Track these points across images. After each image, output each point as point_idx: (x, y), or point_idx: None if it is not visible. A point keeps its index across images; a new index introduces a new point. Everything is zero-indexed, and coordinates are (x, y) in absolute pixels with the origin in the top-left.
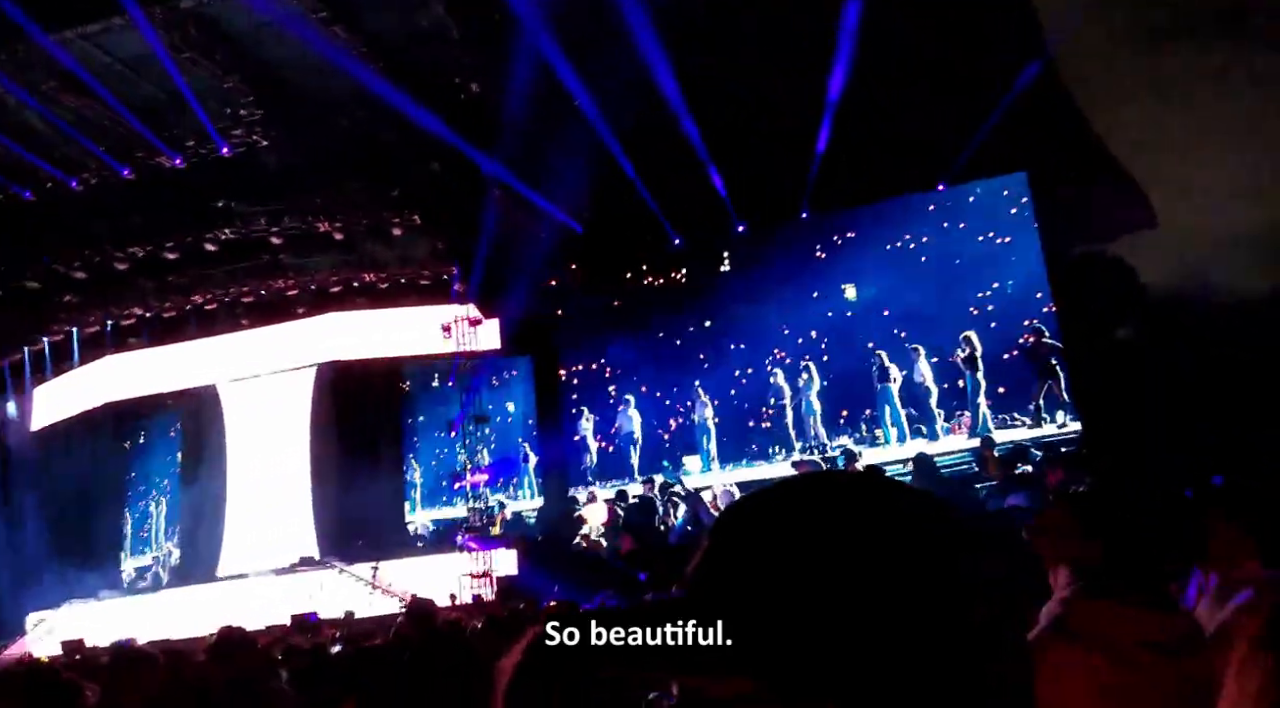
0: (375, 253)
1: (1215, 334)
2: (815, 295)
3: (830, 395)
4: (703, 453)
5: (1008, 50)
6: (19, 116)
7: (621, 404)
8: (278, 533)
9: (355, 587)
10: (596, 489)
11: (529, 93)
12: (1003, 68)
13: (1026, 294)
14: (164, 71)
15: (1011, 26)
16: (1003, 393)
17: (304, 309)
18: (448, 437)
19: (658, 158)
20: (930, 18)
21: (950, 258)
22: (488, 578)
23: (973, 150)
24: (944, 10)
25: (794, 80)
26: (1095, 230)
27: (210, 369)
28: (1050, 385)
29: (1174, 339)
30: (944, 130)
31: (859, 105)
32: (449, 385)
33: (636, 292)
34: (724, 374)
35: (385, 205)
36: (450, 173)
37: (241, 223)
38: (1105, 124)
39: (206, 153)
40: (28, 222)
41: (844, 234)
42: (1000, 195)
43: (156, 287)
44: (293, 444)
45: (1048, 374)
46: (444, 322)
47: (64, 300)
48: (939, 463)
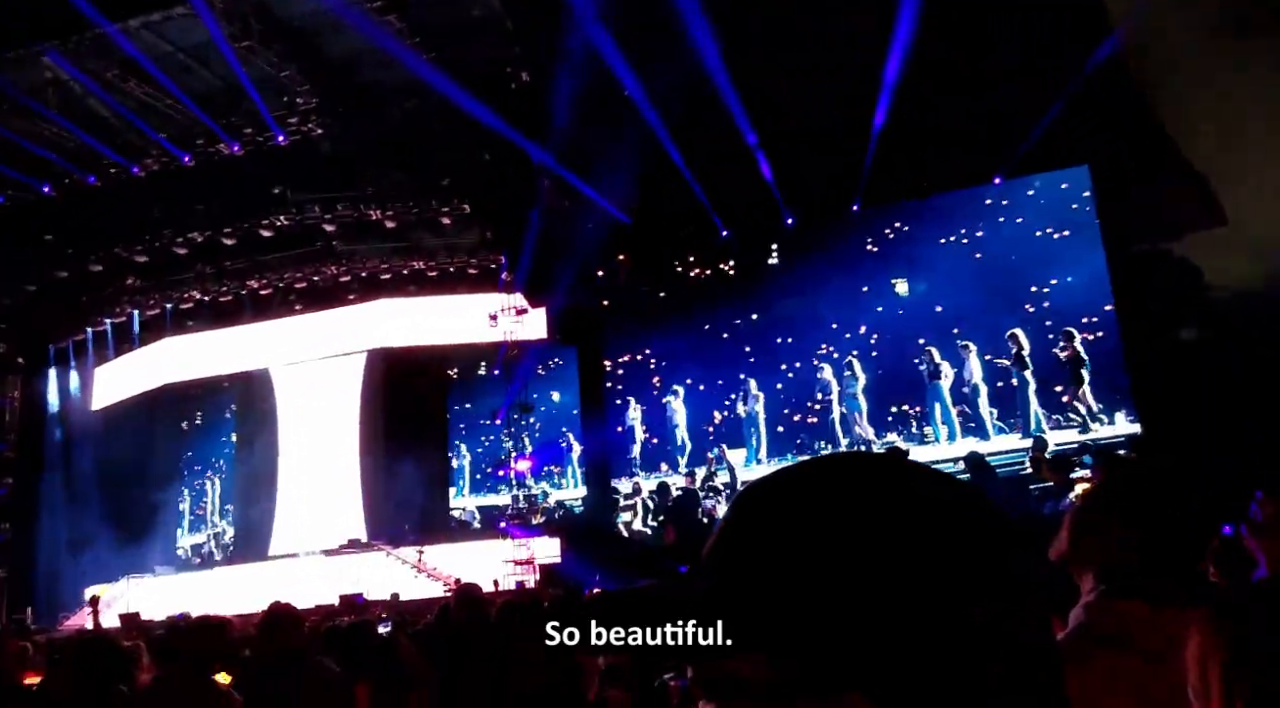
0: (425, 241)
1: None
2: (865, 290)
3: (878, 392)
4: (750, 447)
5: (1072, 39)
6: (84, 104)
7: (670, 395)
8: (327, 515)
9: (401, 570)
10: (640, 480)
11: (579, 83)
12: (1066, 57)
13: (1086, 292)
14: (224, 61)
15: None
16: (1060, 392)
17: (355, 296)
18: (493, 424)
19: (707, 149)
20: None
21: (1007, 254)
22: (530, 565)
23: (1032, 143)
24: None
25: (847, 70)
26: (1160, 228)
27: (264, 353)
28: (1079, 392)
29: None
30: (1002, 122)
31: (914, 96)
32: (495, 374)
33: (684, 283)
34: (770, 368)
35: (435, 194)
36: (500, 163)
37: (296, 210)
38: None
39: (264, 141)
40: (92, 207)
41: (896, 228)
42: (1060, 189)
43: (214, 272)
44: (342, 428)
45: (1077, 381)
46: (491, 310)
47: (126, 283)
48: (993, 463)
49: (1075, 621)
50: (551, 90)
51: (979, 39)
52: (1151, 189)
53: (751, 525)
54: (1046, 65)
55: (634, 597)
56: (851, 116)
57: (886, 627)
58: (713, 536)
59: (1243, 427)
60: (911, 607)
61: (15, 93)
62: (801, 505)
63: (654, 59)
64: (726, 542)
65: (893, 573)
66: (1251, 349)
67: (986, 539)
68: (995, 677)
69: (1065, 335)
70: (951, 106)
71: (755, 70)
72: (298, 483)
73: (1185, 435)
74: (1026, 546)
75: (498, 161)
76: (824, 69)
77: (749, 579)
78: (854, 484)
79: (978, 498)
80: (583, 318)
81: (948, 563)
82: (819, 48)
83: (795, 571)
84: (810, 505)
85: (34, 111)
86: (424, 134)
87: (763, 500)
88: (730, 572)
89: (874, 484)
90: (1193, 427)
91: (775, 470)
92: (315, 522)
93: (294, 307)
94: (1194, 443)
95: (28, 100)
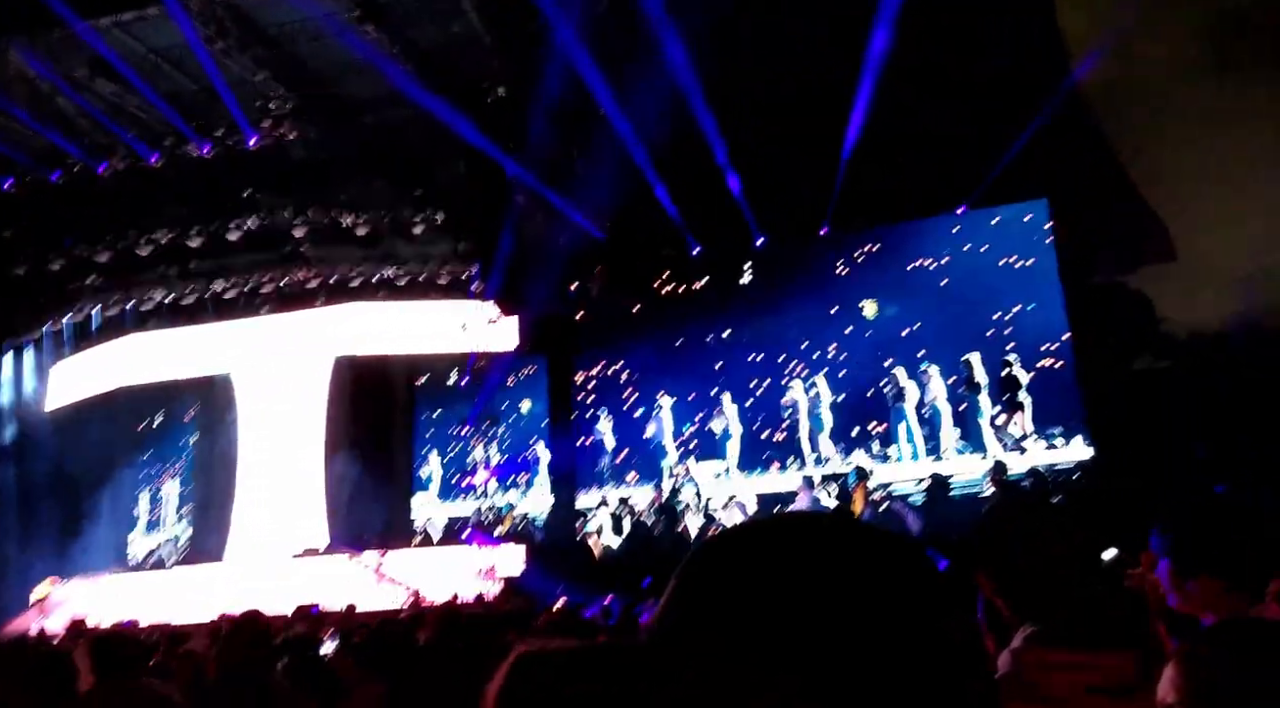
0: (397, 249)
1: (1232, 369)
2: (834, 311)
3: (844, 411)
4: (722, 461)
5: (1035, 75)
6: (50, 102)
7: (655, 407)
8: (286, 521)
9: (360, 578)
10: (608, 492)
11: (556, 99)
12: (1030, 90)
13: (1045, 320)
14: (196, 62)
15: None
16: (997, 415)
17: (323, 300)
18: (460, 434)
19: (681, 168)
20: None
21: (970, 280)
22: (492, 575)
23: (996, 174)
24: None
25: (820, 97)
26: (1115, 259)
27: (226, 355)
28: (1015, 417)
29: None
30: (968, 154)
31: (883, 125)
32: (464, 382)
33: (657, 298)
34: (741, 384)
35: (409, 203)
36: (475, 175)
37: (266, 213)
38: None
39: (234, 143)
40: (54, 204)
41: (866, 251)
42: (1021, 221)
43: (178, 273)
44: (305, 433)
45: (1015, 407)
46: (461, 319)
47: (85, 282)
48: (955, 485)
49: (1001, 667)
50: (529, 105)
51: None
52: (1107, 221)
53: (699, 593)
54: (1010, 98)
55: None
56: (823, 142)
57: (834, 690)
58: (666, 596)
59: (1194, 454)
60: (855, 670)
61: None
62: (747, 573)
63: (631, 78)
64: (677, 607)
65: (835, 639)
66: (1205, 378)
67: (925, 607)
68: None
69: (1004, 363)
70: (919, 136)
71: (729, 93)
72: (257, 488)
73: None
74: (958, 604)
75: (473, 173)
76: (795, 94)
77: (699, 645)
78: (798, 551)
79: (915, 558)
80: (554, 328)
81: (888, 629)
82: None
83: (743, 635)
84: (755, 573)
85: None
86: (399, 143)
87: (711, 566)
88: (681, 637)
89: (817, 551)
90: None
91: (722, 533)
92: (274, 528)
93: (259, 310)
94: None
95: None
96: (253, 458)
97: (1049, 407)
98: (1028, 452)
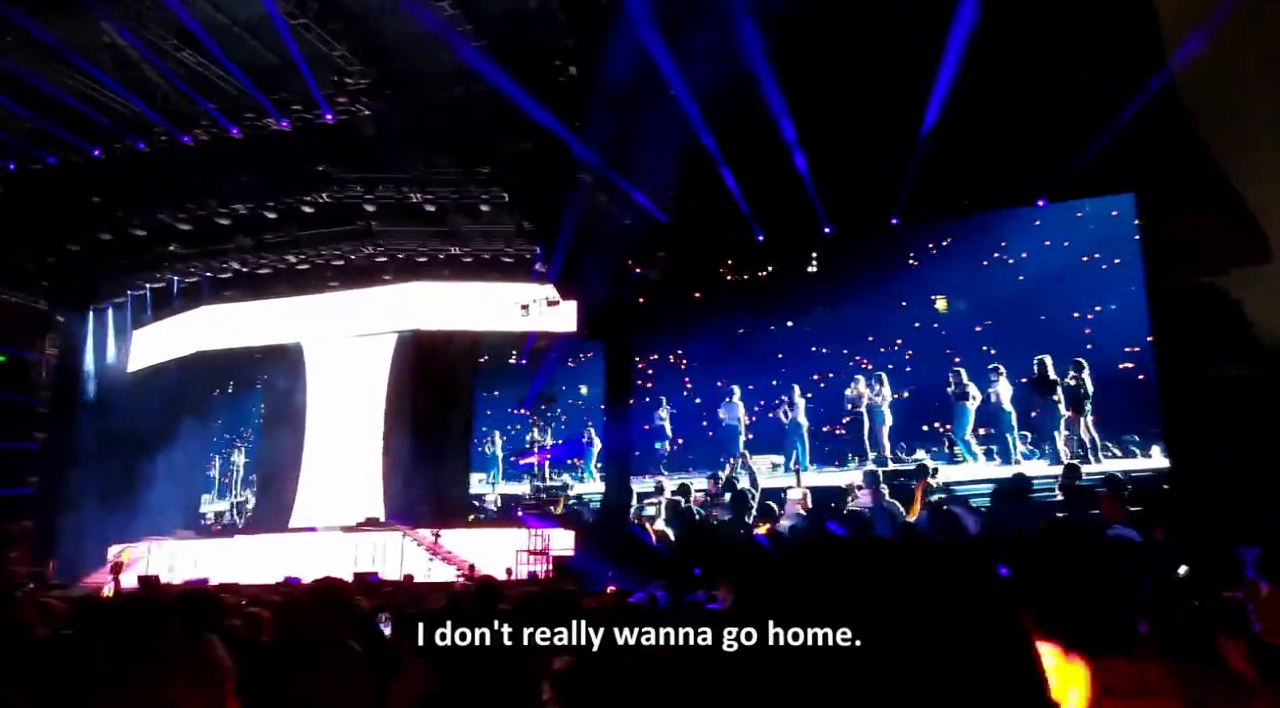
0: (462, 227)
1: None
2: (904, 305)
3: (908, 407)
4: (796, 454)
5: (1125, 66)
6: (139, 70)
7: (727, 394)
8: (347, 492)
9: (416, 551)
10: (664, 480)
11: (626, 80)
12: (1119, 82)
13: (1127, 322)
14: (277, 36)
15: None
16: (1094, 421)
17: (390, 276)
18: (518, 413)
19: (749, 153)
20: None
21: (1048, 277)
22: (545, 556)
23: (1079, 166)
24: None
25: (896, 79)
26: (1203, 260)
27: (297, 327)
28: (1083, 423)
29: None
30: (1052, 143)
31: (961, 113)
32: (522, 363)
33: (720, 286)
34: (803, 376)
35: (475, 181)
36: (541, 154)
37: (338, 189)
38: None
39: (311, 118)
40: (139, 172)
41: (938, 243)
42: (1106, 216)
43: (254, 244)
44: (369, 407)
45: (1082, 413)
46: (523, 300)
47: (167, 250)
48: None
49: None
50: (598, 86)
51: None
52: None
53: (761, 603)
54: (1098, 89)
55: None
56: (896, 129)
57: None
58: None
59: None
60: None
61: (73, 56)
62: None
63: (701, 62)
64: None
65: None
66: None
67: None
68: None
69: (1075, 366)
70: (1000, 122)
71: (802, 77)
72: (321, 458)
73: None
74: None
75: (539, 153)
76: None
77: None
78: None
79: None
80: (614, 313)
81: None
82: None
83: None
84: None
85: (89, 75)
86: (468, 121)
87: (771, 579)
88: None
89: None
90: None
91: (784, 551)
92: (336, 497)
93: (330, 283)
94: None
95: (84, 64)
96: (318, 427)
97: (1127, 412)
98: (1101, 458)
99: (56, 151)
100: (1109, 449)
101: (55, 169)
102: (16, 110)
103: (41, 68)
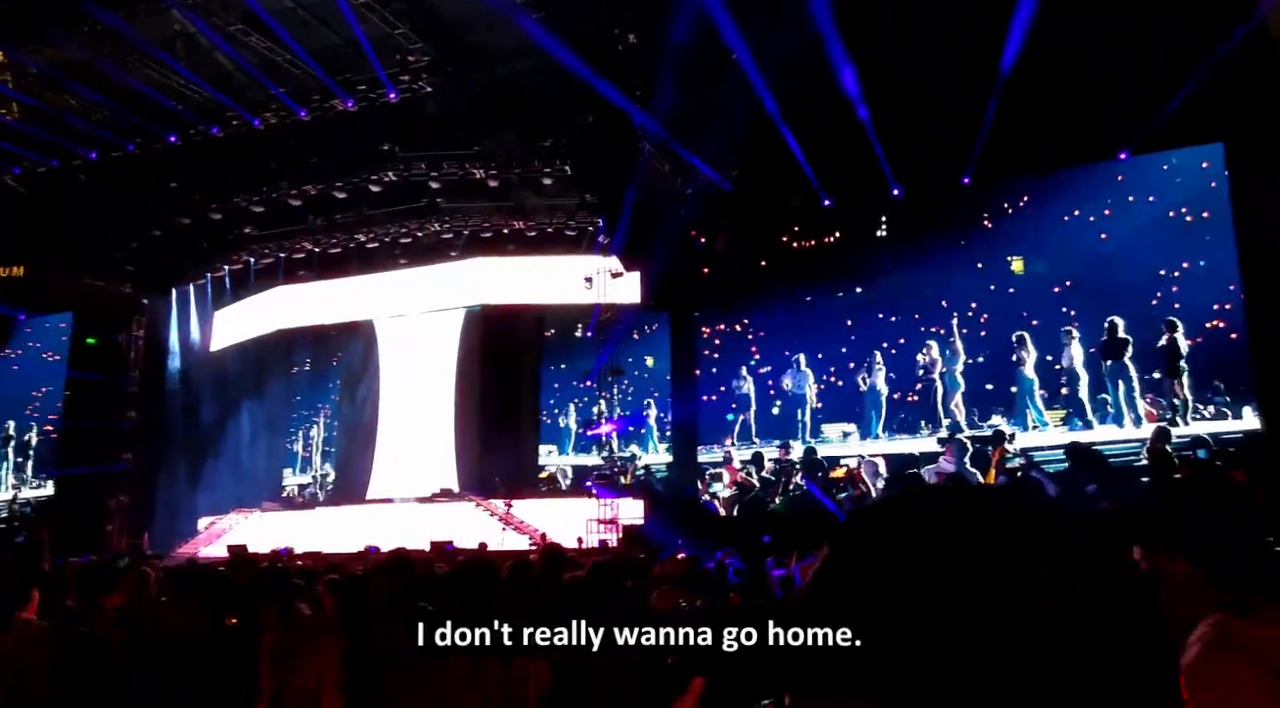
0: (526, 201)
1: None
2: (979, 267)
3: (985, 372)
4: (862, 423)
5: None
6: (210, 57)
7: (794, 362)
8: (422, 464)
9: (489, 521)
10: (733, 450)
11: (686, 47)
12: (1204, 27)
13: (1218, 280)
14: (340, 18)
15: None
16: (1188, 383)
17: (456, 253)
18: (586, 386)
19: (813, 116)
20: None
21: (1132, 234)
22: (614, 525)
23: (1163, 117)
24: None
25: (966, 34)
26: None
27: (369, 305)
28: (1175, 385)
29: None
30: (1133, 93)
31: (1035, 63)
32: (588, 335)
33: (786, 253)
34: (874, 344)
35: (538, 155)
36: (603, 126)
37: (404, 167)
38: None
39: (375, 98)
40: (214, 157)
41: (1014, 203)
42: (1197, 168)
43: (325, 224)
44: (440, 381)
45: (1173, 373)
46: (587, 272)
47: (243, 232)
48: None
49: (1204, 634)
50: (658, 54)
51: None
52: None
53: (853, 560)
54: (1182, 35)
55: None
56: (968, 84)
57: (982, 662)
58: (817, 562)
59: None
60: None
61: (146, 45)
62: (900, 543)
63: (761, 21)
64: (831, 573)
65: (982, 610)
66: None
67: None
68: None
69: (1168, 325)
70: (1075, 75)
71: (866, 32)
72: (396, 431)
73: None
74: None
75: (601, 124)
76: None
77: (855, 610)
78: (947, 523)
79: (1058, 524)
80: (678, 284)
81: (1036, 600)
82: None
83: (897, 604)
84: (907, 543)
85: (163, 63)
86: (530, 95)
87: (864, 536)
88: (837, 601)
89: (963, 523)
90: None
91: (874, 503)
92: (410, 470)
93: (399, 261)
94: None
95: (158, 52)
96: (392, 402)
97: (1216, 372)
98: (1190, 421)
99: (135, 139)
100: (1198, 411)
101: (135, 156)
102: (97, 100)
103: (117, 57)
